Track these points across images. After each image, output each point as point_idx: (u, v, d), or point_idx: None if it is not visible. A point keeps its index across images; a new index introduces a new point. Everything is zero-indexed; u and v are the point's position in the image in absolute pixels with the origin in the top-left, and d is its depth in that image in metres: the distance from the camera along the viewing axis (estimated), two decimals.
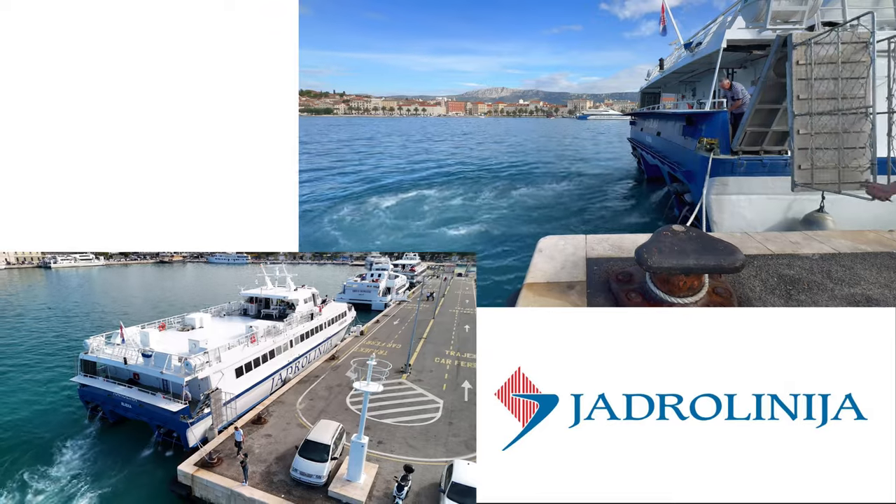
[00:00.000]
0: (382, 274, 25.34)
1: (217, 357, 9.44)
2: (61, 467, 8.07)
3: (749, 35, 10.92)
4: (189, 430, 8.38)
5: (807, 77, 6.87)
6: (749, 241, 4.05)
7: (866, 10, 7.84)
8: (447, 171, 35.99)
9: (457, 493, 6.21)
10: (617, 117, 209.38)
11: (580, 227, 18.55)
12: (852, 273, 3.40)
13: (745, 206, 9.87)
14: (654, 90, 25.27)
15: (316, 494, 6.76)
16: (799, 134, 6.97)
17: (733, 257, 2.67)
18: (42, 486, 7.56)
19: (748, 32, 10.96)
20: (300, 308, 14.04)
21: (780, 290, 3.18)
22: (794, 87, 6.96)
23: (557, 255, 3.72)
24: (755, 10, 11.08)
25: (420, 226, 20.11)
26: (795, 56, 6.95)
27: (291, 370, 12.00)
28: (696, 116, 12.04)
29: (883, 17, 10.23)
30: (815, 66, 6.77)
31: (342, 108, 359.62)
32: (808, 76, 6.85)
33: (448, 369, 12.46)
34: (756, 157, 9.69)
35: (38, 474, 7.84)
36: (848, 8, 9.92)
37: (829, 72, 6.70)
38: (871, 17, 6.40)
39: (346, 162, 43.18)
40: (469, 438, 8.31)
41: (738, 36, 10.99)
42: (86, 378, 9.71)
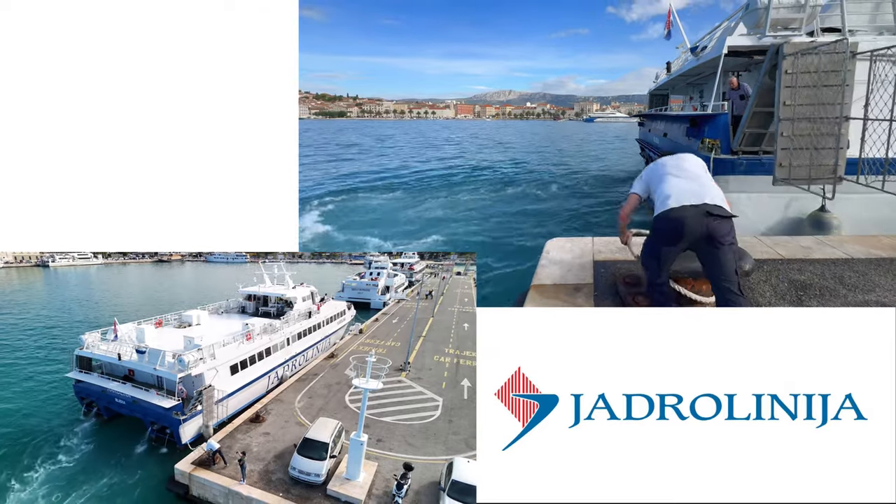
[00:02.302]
0: (381, 272, 25.33)
1: (211, 354, 9.43)
2: (56, 464, 8.06)
3: (749, 41, 11.25)
4: (182, 426, 8.39)
5: (792, 85, 7.50)
6: (759, 246, 4.01)
7: (864, 16, 9.14)
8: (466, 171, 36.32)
9: (457, 492, 6.20)
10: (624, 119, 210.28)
11: (587, 222, 18.80)
12: (866, 279, 3.31)
13: (745, 204, 10.00)
14: (663, 92, 25.86)
15: (315, 493, 6.76)
16: (782, 136, 7.68)
17: (742, 261, 2.65)
18: (36, 483, 7.54)
19: (749, 39, 11.31)
20: (298, 306, 14.03)
21: (791, 296, 3.14)
22: (782, 93, 7.59)
23: (564, 257, 3.71)
24: (756, 17, 11.37)
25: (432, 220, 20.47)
26: (785, 65, 7.50)
27: (288, 368, 11.99)
28: (699, 118, 12.44)
29: (883, 23, 10.54)
30: (800, 75, 7.40)
31: (355, 111, 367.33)
32: (794, 84, 7.48)
33: (447, 367, 12.46)
34: (755, 157, 9.99)
35: (31, 470, 7.83)
36: (847, 15, 10.11)
37: (812, 80, 7.38)
38: (845, 42, 7.21)
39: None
40: (469, 436, 8.31)
41: (739, 42, 11.32)
42: (81, 374, 9.72)
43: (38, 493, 7.35)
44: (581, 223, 19.18)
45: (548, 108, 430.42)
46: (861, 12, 10.63)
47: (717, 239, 2.74)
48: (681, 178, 3.04)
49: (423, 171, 36.86)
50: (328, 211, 23.47)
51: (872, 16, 10.74)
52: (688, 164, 3.18)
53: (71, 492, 7.35)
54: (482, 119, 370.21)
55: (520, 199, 24.82)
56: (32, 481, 7.59)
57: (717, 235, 2.75)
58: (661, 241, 2.88)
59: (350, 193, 27.38)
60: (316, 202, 25.09)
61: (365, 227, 19.92)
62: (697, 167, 3.19)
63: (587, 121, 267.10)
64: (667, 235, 2.84)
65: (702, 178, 3.09)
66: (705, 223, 2.76)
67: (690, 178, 3.05)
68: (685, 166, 3.15)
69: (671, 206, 2.85)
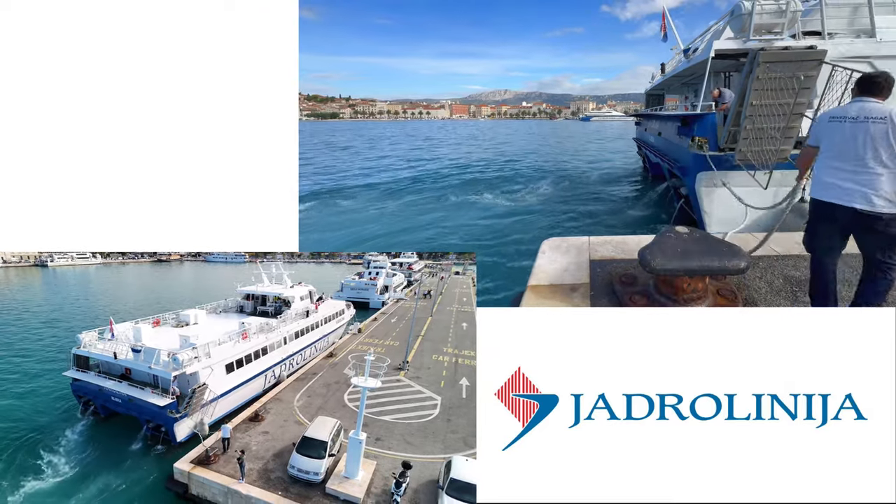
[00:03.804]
0: (380, 272, 25.32)
1: (206, 353, 9.45)
2: (54, 463, 8.04)
3: (734, 45, 11.94)
4: (177, 424, 8.42)
5: (760, 88, 8.30)
6: (754, 243, 4.01)
7: (843, 20, 10.11)
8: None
9: (455, 490, 6.20)
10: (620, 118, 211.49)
11: (588, 218, 19.03)
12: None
13: (730, 196, 10.68)
14: (659, 92, 26.36)
15: (313, 491, 6.75)
16: (745, 129, 8.76)
17: (737, 259, 2.64)
18: (33, 483, 7.53)
19: (734, 42, 11.96)
20: (296, 305, 14.03)
21: (787, 292, 3.14)
22: (752, 96, 8.45)
23: (560, 257, 3.69)
24: (741, 22, 12.03)
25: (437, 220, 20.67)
26: (757, 72, 8.21)
27: (285, 367, 12.00)
28: (689, 118, 13.11)
29: (861, 27, 11.16)
30: (769, 80, 8.15)
31: (348, 112, 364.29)
32: (762, 87, 8.27)
33: (446, 366, 12.46)
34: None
35: (30, 469, 7.82)
36: (827, 19, 10.88)
37: (781, 84, 8.17)
38: (825, 52, 8.06)
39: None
40: (467, 435, 8.31)
41: (726, 46, 11.98)
42: (78, 372, 9.75)
43: (38, 493, 7.33)
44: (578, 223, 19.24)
45: (544, 107, 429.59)
46: (840, 16, 11.26)
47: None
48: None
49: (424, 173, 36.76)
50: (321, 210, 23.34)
51: (850, 19, 11.35)
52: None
53: (69, 491, 7.34)
54: (477, 119, 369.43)
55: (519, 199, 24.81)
56: (32, 480, 7.57)
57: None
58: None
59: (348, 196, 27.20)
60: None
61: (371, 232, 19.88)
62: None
63: (583, 120, 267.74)
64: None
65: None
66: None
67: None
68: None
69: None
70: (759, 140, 8.75)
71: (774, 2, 11.31)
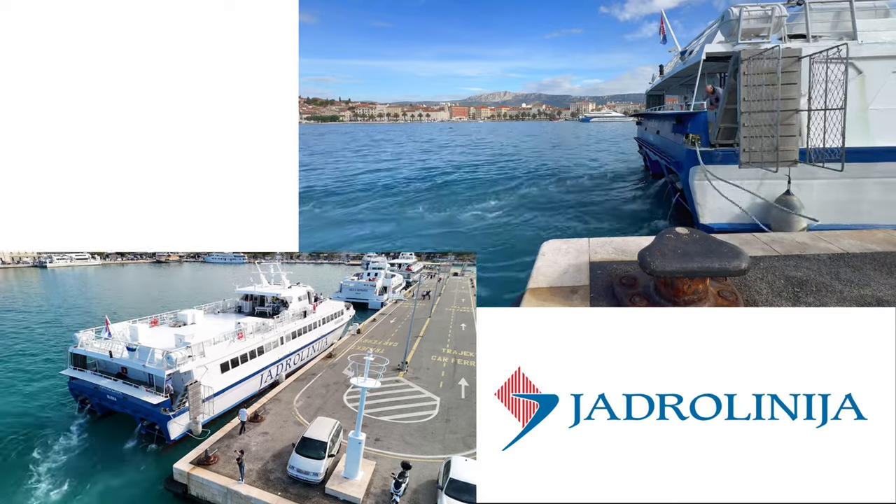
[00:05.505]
0: (379, 273, 25.31)
1: (201, 352, 9.47)
2: (52, 462, 8.03)
3: (724, 48, 12.62)
4: (170, 422, 8.43)
5: (748, 84, 9.21)
6: (755, 243, 4.00)
7: (826, 23, 11.29)
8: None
9: (455, 490, 6.20)
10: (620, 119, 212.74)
11: (584, 222, 19.13)
12: (862, 274, 3.30)
13: (723, 188, 11.42)
14: (658, 93, 27.10)
15: (313, 492, 6.75)
16: (744, 126, 9.42)
17: (738, 260, 2.62)
18: (31, 482, 7.51)
19: (724, 46, 12.62)
20: (293, 305, 14.04)
21: (788, 293, 3.12)
22: (742, 92, 9.26)
23: (560, 259, 3.67)
24: (730, 27, 12.76)
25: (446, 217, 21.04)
26: (742, 69, 9.19)
27: (282, 367, 12.00)
28: (683, 116, 14.02)
29: (843, 30, 11.77)
30: (756, 76, 9.16)
31: (348, 115, 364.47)
32: (751, 84, 9.17)
33: (445, 367, 12.46)
34: (730, 149, 11.22)
35: (28, 468, 7.80)
36: (812, 22, 11.59)
37: (767, 80, 9.15)
38: (800, 49, 9.31)
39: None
40: (466, 435, 8.31)
41: (716, 49, 12.69)
42: (75, 371, 9.78)
43: (38, 492, 7.31)
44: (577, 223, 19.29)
45: (543, 108, 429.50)
46: (824, 20, 11.87)
47: None
48: None
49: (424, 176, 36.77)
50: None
51: (834, 23, 11.93)
52: None
53: (67, 491, 7.32)
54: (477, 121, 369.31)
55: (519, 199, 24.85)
56: (31, 479, 7.56)
57: None
58: None
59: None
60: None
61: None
62: None
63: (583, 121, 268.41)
64: None
65: None
66: None
67: None
68: None
69: None
70: (759, 139, 9.24)
71: (761, 8, 12.01)
